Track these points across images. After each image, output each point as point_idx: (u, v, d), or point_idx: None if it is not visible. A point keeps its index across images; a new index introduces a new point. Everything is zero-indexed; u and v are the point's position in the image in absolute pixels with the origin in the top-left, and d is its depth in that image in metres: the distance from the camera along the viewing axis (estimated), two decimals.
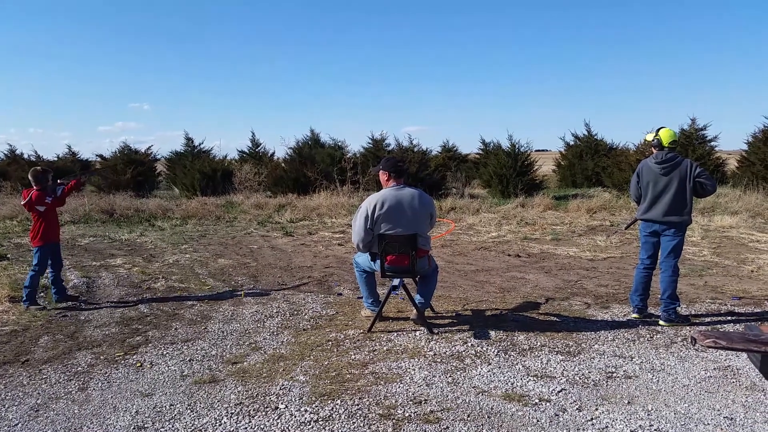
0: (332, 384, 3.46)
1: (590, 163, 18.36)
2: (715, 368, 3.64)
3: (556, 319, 4.75)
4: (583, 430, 2.90)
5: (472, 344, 4.11)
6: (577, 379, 3.51)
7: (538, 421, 2.98)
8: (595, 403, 3.18)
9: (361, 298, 4.84)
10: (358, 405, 3.17)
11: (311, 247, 8.48)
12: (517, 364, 3.74)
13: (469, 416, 3.03)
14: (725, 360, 3.76)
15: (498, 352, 3.96)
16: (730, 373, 3.57)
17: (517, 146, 15.66)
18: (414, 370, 3.66)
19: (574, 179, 19.08)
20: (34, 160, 19.05)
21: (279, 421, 3.00)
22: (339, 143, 17.90)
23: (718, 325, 4.55)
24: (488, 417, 3.03)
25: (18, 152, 20.25)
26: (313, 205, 12.93)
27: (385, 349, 4.05)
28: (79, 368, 3.78)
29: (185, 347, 4.15)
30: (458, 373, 3.60)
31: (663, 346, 4.06)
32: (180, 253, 7.98)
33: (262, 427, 2.96)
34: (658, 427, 2.90)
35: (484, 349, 4.02)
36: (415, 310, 4.48)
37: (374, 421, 2.99)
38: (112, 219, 11.68)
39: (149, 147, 19.59)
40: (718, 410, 3.08)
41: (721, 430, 2.88)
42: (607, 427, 2.92)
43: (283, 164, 17.68)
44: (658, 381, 3.47)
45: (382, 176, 4.43)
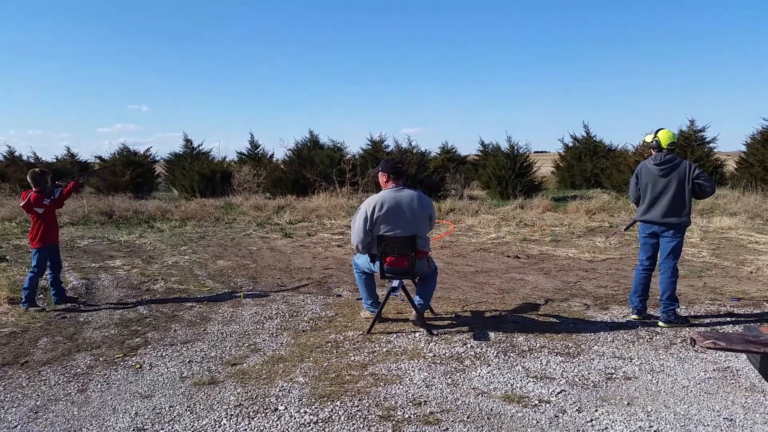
0: (332, 385, 3.46)
1: (589, 165, 18.38)
2: (714, 369, 3.65)
3: (555, 320, 4.75)
4: (583, 431, 2.90)
5: (471, 345, 4.11)
6: (577, 380, 3.52)
7: (538, 422, 2.98)
8: (594, 405, 3.18)
9: (361, 299, 4.84)
10: (358, 406, 3.17)
11: (310, 249, 8.48)
12: (517, 366, 3.74)
13: (468, 417, 3.04)
14: (725, 361, 3.76)
15: (497, 353, 3.96)
16: (730, 374, 3.57)
17: (516, 148, 15.69)
18: (413, 371, 3.66)
19: (573, 181, 19.10)
20: (33, 161, 19.03)
21: (278, 423, 3.00)
22: (338, 145, 17.94)
23: (718, 326, 4.56)
24: (488, 418, 3.03)
25: (17, 154, 20.31)
26: (313, 206, 12.93)
27: (385, 350, 4.05)
28: (79, 370, 3.77)
29: (184, 349, 4.15)
30: (458, 375, 3.60)
31: (662, 347, 4.06)
32: (179, 255, 7.97)
33: (262, 428, 2.95)
34: (657, 429, 2.90)
35: (484, 350, 4.02)
36: (414, 312, 4.47)
37: (374, 423, 2.99)
38: (111, 220, 11.67)
39: (148, 148, 19.58)
40: (718, 411, 3.08)
41: (721, 431, 2.88)
42: (607, 428, 2.92)
43: (282, 166, 17.69)
44: (658, 382, 3.47)
45: (381, 178, 4.44)
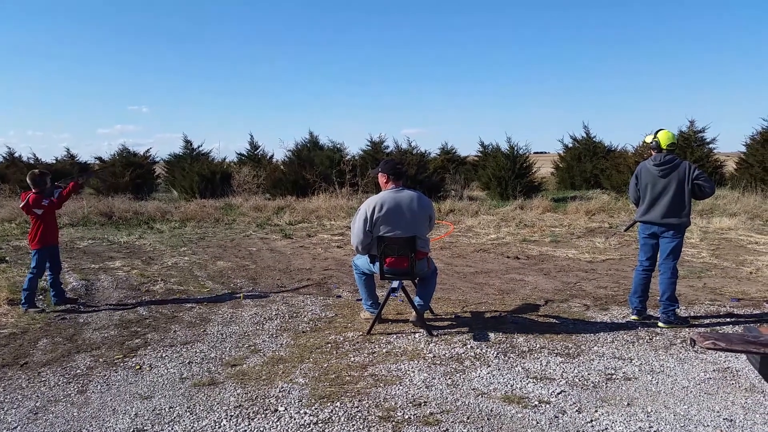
0: (332, 386, 3.46)
1: (589, 165, 18.39)
2: (714, 370, 3.65)
3: (555, 321, 4.75)
4: (583, 431, 2.90)
5: (471, 346, 4.11)
6: (577, 380, 3.52)
7: (538, 423, 2.98)
8: (594, 405, 3.18)
9: (360, 300, 4.84)
10: (358, 407, 3.17)
11: (310, 250, 8.48)
12: (517, 366, 3.74)
13: (468, 418, 3.03)
14: (724, 362, 3.76)
15: (497, 354, 3.96)
16: (730, 374, 3.57)
17: (516, 148, 15.70)
18: (413, 372, 3.66)
19: (573, 181, 19.10)
20: (32, 162, 19.01)
21: (278, 424, 3.00)
22: (338, 145, 17.94)
23: (717, 327, 4.56)
24: (488, 419, 3.03)
25: (17, 155, 20.27)
26: (312, 207, 12.93)
27: (385, 351, 4.05)
28: (78, 371, 3.77)
29: (184, 350, 4.15)
30: (458, 375, 3.60)
31: (662, 348, 4.06)
32: (179, 256, 7.97)
33: (262, 429, 2.95)
34: (657, 429, 2.90)
35: (484, 351, 4.02)
36: (414, 312, 4.47)
37: (374, 424, 2.99)
38: (111, 222, 11.66)
39: (148, 149, 19.49)
40: (718, 412, 3.08)
41: (721, 431, 2.88)
42: (607, 429, 2.92)
43: (282, 167, 17.69)
44: (658, 383, 3.47)
45: (381, 179, 4.44)
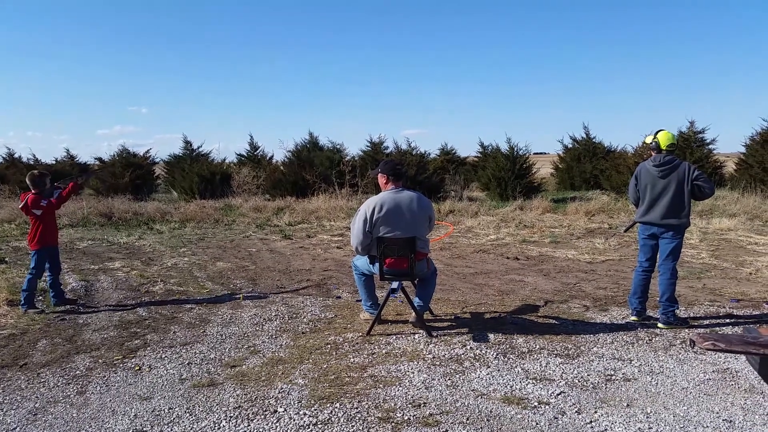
0: (331, 387, 3.45)
1: (588, 166, 18.39)
2: (713, 371, 3.65)
3: (554, 321, 4.75)
4: None
5: (471, 347, 4.11)
6: (576, 381, 3.51)
7: (537, 424, 2.98)
8: (594, 406, 3.18)
9: (360, 301, 4.84)
10: (357, 408, 3.17)
11: (310, 250, 8.48)
12: (516, 367, 3.74)
13: (468, 419, 3.03)
14: (724, 362, 3.76)
15: (497, 354, 3.96)
16: (729, 375, 3.57)
17: (516, 149, 15.71)
18: (413, 373, 3.66)
19: (573, 182, 19.10)
20: (32, 163, 18.98)
21: (278, 425, 3.00)
22: (337, 146, 17.91)
23: (717, 328, 4.56)
24: (487, 420, 3.03)
25: (16, 156, 20.23)
26: (312, 208, 12.92)
27: (384, 352, 4.05)
28: (78, 372, 3.77)
29: (184, 351, 4.14)
30: (457, 376, 3.60)
31: (662, 349, 4.06)
32: (178, 257, 7.97)
33: (261, 430, 2.95)
34: (657, 430, 2.90)
35: (483, 352, 4.02)
36: (413, 313, 4.47)
37: (373, 425, 2.98)
38: (111, 222, 11.66)
39: (148, 150, 19.52)
40: (717, 413, 3.08)
41: None
42: (606, 430, 2.91)
43: (282, 167, 17.68)
44: (657, 384, 3.47)
45: (381, 179, 4.44)
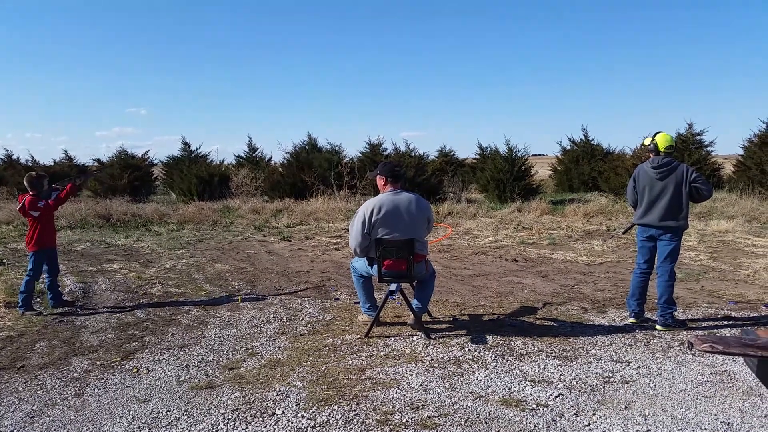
0: (329, 389, 3.45)
1: (587, 168, 18.41)
2: (711, 373, 3.65)
3: (553, 323, 4.76)
4: None
5: (469, 349, 4.11)
6: (575, 383, 3.51)
7: (536, 426, 2.98)
8: (592, 408, 3.18)
9: (359, 303, 4.84)
10: (355, 410, 3.17)
11: (308, 252, 8.47)
12: (515, 369, 3.74)
13: (466, 422, 3.03)
14: (722, 364, 3.76)
15: (495, 357, 3.96)
16: (727, 377, 3.58)
17: (514, 151, 15.73)
18: (411, 375, 3.66)
19: (571, 184, 19.12)
20: (30, 165, 18.95)
21: (276, 427, 2.99)
22: (336, 148, 17.89)
23: (715, 330, 4.56)
24: (485, 422, 3.02)
25: (14, 157, 20.15)
26: (310, 209, 12.92)
27: (383, 354, 4.05)
28: (76, 374, 3.76)
29: (182, 353, 4.14)
30: (455, 378, 3.59)
31: (660, 351, 4.07)
32: (177, 258, 7.96)
33: None
34: None
35: (482, 354, 4.02)
36: (412, 315, 4.47)
37: (371, 427, 2.98)
38: (109, 224, 11.64)
39: (146, 152, 19.54)
40: (715, 415, 3.09)
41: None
42: None
43: (281, 169, 17.66)
44: (655, 386, 3.48)
45: (380, 181, 4.44)
